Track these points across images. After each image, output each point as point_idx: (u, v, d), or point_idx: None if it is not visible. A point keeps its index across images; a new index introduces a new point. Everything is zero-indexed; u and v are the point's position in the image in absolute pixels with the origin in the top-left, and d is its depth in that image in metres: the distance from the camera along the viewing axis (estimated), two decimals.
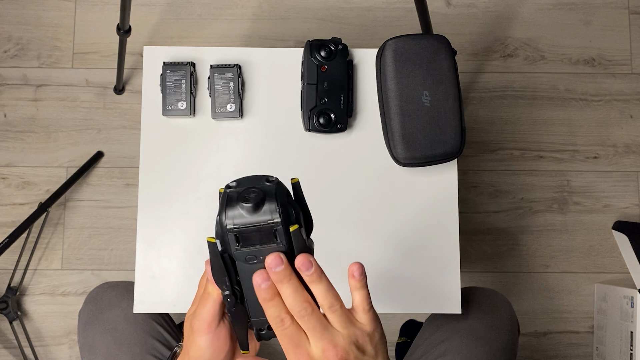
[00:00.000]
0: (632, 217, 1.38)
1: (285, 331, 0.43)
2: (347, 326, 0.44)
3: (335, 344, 0.43)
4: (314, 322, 0.43)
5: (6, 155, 1.35)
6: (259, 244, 0.42)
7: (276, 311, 0.43)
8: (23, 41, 1.38)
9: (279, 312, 0.43)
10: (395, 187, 0.80)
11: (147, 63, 0.81)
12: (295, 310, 0.43)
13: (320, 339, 0.43)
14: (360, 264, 0.46)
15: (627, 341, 1.24)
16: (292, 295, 0.43)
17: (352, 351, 0.43)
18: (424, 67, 0.76)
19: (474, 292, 0.88)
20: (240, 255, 0.43)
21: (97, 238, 1.33)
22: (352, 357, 0.43)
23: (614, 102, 1.40)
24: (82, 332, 0.84)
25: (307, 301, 0.43)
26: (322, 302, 0.44)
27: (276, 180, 0.43)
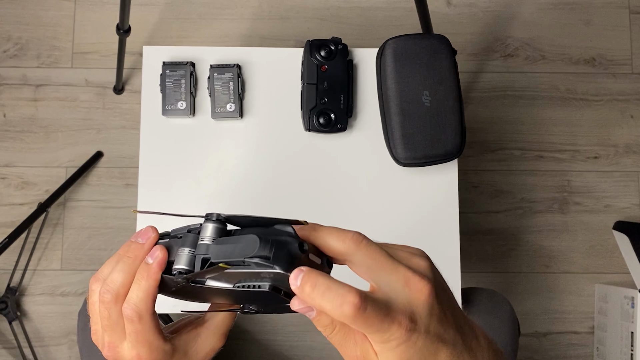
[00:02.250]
0: (633, 217, 1.37)
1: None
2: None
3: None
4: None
5: (5, 155, 1.35)
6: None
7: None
8: (22, 41, 1.38)
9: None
10: (395, 187, 0.80)
11: (147, 63, 0.81)
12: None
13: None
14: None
15: (627, 341, 1.24)
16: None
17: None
18: (424, 67, 0.76)
19: (474, 292, 0.88)
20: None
21: (96, 238, 1.33)
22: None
23: (615, 102, 1.40)
24: (81, 332, 0.84)
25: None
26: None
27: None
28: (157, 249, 0.39)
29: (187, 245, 0.38)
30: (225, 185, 0.79)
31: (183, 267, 0.38)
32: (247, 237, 0.35)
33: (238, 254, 0.35)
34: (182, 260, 0.38)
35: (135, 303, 0.39)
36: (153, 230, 0.40)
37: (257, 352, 1.31)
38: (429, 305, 0.34)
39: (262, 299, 0.38)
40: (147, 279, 0.39)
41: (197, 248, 0.37)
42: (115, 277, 0.39)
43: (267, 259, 0.34)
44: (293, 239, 0.35)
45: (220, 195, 0.79)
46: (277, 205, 0.79)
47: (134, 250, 0.40)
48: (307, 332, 1.31)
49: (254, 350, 1.31)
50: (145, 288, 0.38)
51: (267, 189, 0.79)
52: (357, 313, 0.31)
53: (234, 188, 0.79)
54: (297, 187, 0.79)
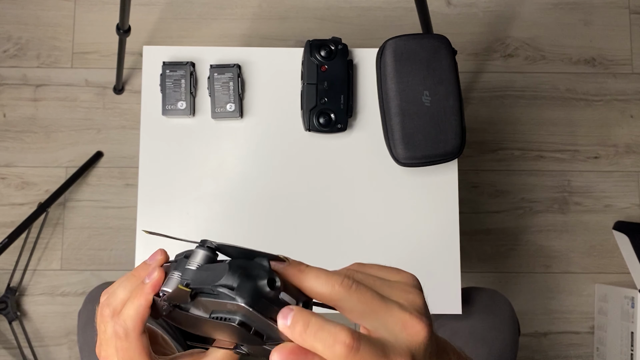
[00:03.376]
0: (633, 217, 1.37)
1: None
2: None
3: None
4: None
5: (5, 155, 1.35)
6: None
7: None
8: (22, 41, 1.38)
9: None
10: (395, 187, 0.80)
11: (147, 63, 0.81)
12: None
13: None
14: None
15: (627, 341, 1.24)
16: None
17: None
18: (424, 67, 0.76)
19: (474, 292, 0.88)
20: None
21: (96, 238, 1.33)
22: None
23: (615, 102, 1.40)
24: (81, 332, 0.84)
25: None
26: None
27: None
28: (155, 270, 0.39)
29: (178, 270, 0.38)
30: (225, 185, 0.79)
31: (167, 290, 0.37)
32: (221, 265, 0.34)
33: (209, 281, 0.34)
34: (169, 283, 0.37)
35: (124, 319, 0.39)
36: (161, 253, 0.41)
37: None
38: (426, 346, 0.33)
39: (240, 336, 0.35)
40: (139, 297, 0.39)
41: (183, 273, 0.37)
42: (118, 292, 0.40)
43: (231, 288, 0.32)
44: (264, 273, 0.33)
45: (220, 195, 0.79)
46: (277, 205, 0.79)
47: (140, 270, 0.40)
48: None
49: None
50: (136, 306, 0.38)
51: (267, 188, 0.79)
52: (349, 353, 0.30)
53: (234, 188, 0.79)
54: (297, 187, 0.79)
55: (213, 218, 0.78)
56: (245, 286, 0.32)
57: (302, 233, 0.78)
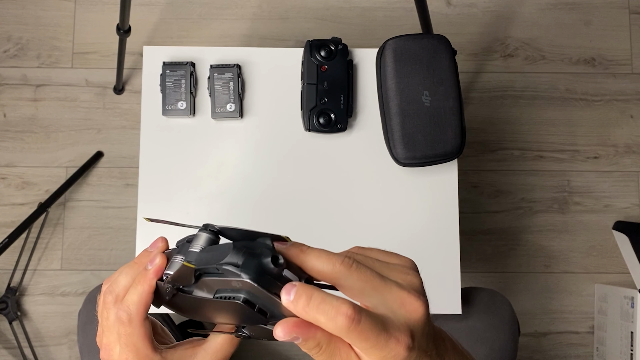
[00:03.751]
0: (633, 217, 1.37)
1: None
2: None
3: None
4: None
5: (6, 155, 1.35)
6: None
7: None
8: (23, 41, 1.38)
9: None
10: (395, 187, 0.80)
11: (147, 63, 0.81)
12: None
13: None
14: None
15: (627, 341, 1.24)
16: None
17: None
18: (424, 67, 0.76)
19: (474, 292, 0.88)
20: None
21: (96, 238, 1.33)
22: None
23: (615, 102, 1.40)
24: (81, 332, 0.84)
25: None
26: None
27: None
28: (157, 256, 0.40)
29: (181, 254, 0.38)
30: (225, 185, 0.79)
31: (169, 272, 0.38)
32: (225, 245, 0.35)
33: (213, 261, 0.34)
34: (172, 266, 0.38)
35: (127, 305, 0.39)
36: (162, 240, 0.41)
37: (257, 352, 1.31)
38: (423, 324, 0.34)
39: (243, 315, 0.36)
40: (142, 283, 0.39)
41: (186, 255, 0.37)
42: (120, 279, 0.41)
43: (237, 266, 0.33)
44: (268, 251, 0.34)
45: (221, 195, 0.79)
46: (277, 205, 0.79)
47: (141, 257, 0.41)
48: None
49: (254, 350, 1.31)
50: (139, 292, 0.39)
51: (267, 188, 0.79)
52: (351, 325, 0.31)
53: (234, 188, 0.79)
54: (297, 187, 0.79)
55: (213, 218, 0.78)
56: (249, 263, 0.33)
57: (302, 233, 0.78)
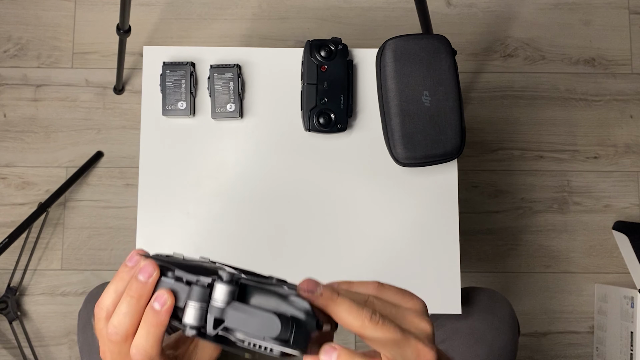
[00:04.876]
0: (632, 217, 1.37)
1: None
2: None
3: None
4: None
5: (6, 155, 1.35)
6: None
7: None
8: (23, 41, 1.38)
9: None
10: (395, 187, 0.80)
11: (147, 63, 0.81)
12: None
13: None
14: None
15: (627, 341, 1.24)
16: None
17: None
18: (424, 67, 0.76)
19: (474, 292, 0.88)
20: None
21: (96, 238, 1.33)
22: None
23: (614, 102, 1.40)
24: (81, 332, 0.84)
25: None
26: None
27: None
28: (164, 294, 0.38)
29: (196, 299, 0.37)
30: (225, 185, 0.79)
31: (195, 324, 0.37)
32: (266, 315, 0.35)
33: (257, 332, 0.35)
34: (192, 315, 0.37)
35: (145, 349, 0.39)
36: (154, 268, 0.39)
37: None
38: None
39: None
40: (156, 326, 0.38)
41: (209, 307, 0.37)
42: (122, 320, 0.39)
43: (287, 342, 0.35)
44: (311, 319, 0.36)
45: (220, 195, 0.79)
46: (277, 205, 0.79)
47: (137, 289, 0.39)
48: None
49: None
50: (154, 334, 0.39)
51: (267, 188, 0.79)
52: None
53: (234, 188, 0.79)
54: (297, 187, 0.79)
55: (213, 218, 0.79)
56: (300, 337, 0.35)
57: (302, 233, 0.78)
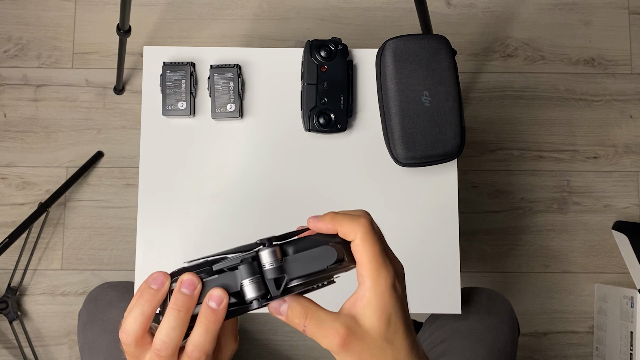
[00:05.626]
0: (632, 217, 1.38)
1: None
2: None
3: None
4: None
5: (6, 155, 1.35)
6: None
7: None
8: (23, 41, 1.38)
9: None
10: (395, 187, 0.80)
11: (147, 63, 0.81)
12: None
13: None
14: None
15: (627, 341, 1.24)
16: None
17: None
18: (424, 67, 0.76)
19: (474, 292, 0.88)
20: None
21: (97, 238, 1.33)
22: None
23: (614, 102, 1.40)
24: (82, 332, 0.84)
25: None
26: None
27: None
28: (217, 291, 0.40)
29: (246, 276, 0.40)
30: (225, 185, 0.79)
31: (258, 295, 0.40)
32: (318, 249, 0.41)
33: (319, 266, 0.40)
34: (253, 290, 0.40)
35: (203, 346, 0.40)
36: (197, 280, 0.41)
37: (257, 352, 1.32)
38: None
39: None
40: (215, 322, 0.40)
41: (264, 273, 0.41)
42: (172, 334, 0.40)
43: (342, 260, 0.41)
44: (342, 241, 0.43)
45: (220, 195, 0.79)
46: (277, 204, 0.79)
47: (184, 302, 0.40)
48: None
49: (254, 350, 1.31)
50: (212, 331, 0.40)
51: (267, 188, 0.79)
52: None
53: (234, 188, 0.79)
54: (296, 187, 0.80)
55: (213, 218, 0.79)
56: (347, 254, 0.42)
57: None
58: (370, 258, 0.42)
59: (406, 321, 0.43)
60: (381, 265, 0.42)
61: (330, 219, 0.43)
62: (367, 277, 0.42)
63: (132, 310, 0.41)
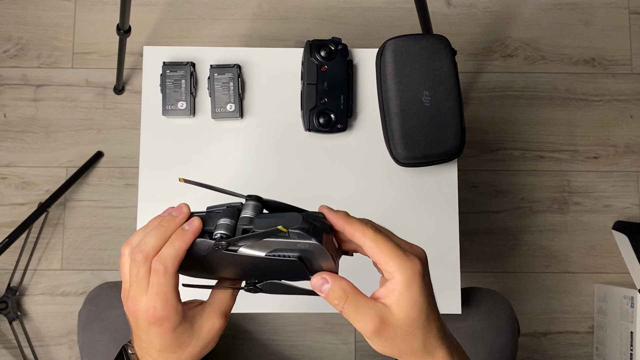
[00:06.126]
0: (632, 217, 1.38)
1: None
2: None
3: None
4: None
5: (6, 155, 1.35)
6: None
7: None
8: (23, 41, 1.38)
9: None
10: (395, 187, 0.80)
11: (147, 63, 0.81)
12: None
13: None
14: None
15: (627, 341, 1.24)
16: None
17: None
18: (424, 67, 0.76)
19: (474, 292, 0.88)
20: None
21: (97, 238, 1.33)
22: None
23: (614, 102, 1.40)
24: (81, 332, 0.84)
25: None
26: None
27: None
28: (195, 219, 0.46)
29: (227, 217, 0.45)
30: (226, 185, 0.79)
31: (224, 232, 0.44)
32: (290, 214, 0.43)
33: (283, 225, 0.42)
34: (223, 227, 0.44)
35: (165, 258, 0.45)
36: (186, 207, 0.48)
37: (257, 352, 1.31)
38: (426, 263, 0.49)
39: (282, 271, 0.45)
40: (180, 240, 0.45)
41: (239, 220, 0.45)
42: (148, 240, 0.45)
43: (307, 230, 0.42)
44: (325, 222, 0.45)
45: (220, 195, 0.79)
46: None
47: (167, 221, 0.46)
48: (307, 332, 1.31)
49: (254, 350, 1.31)
50: (177, 247, 0.45)
51: (267, 188, 0.79)
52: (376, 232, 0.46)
53: (234, 188, 0.79)
54: (296, 187, 0.79)
55: None
56: (317, 230, 0.43)
57: None
58: (390, 255, 0.44)
59: (434, 305, 0.46)
60: (403, 258, 0.44)
61: (343, 215, 0.46)
62: (395, 271, 0.44)
63: (149, 231, 0.46)
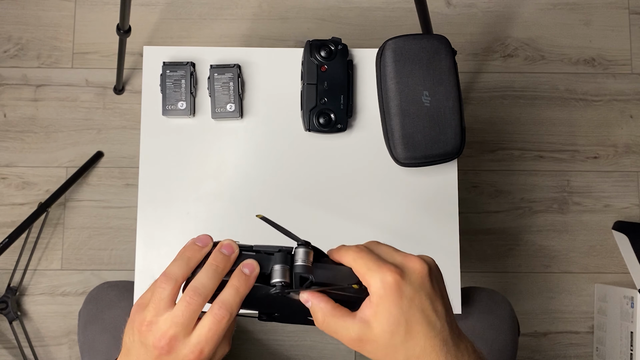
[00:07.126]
0: (632, 217, 1.38)
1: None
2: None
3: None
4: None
5: (6, 155, 1.35)
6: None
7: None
8: (23, 41, 1.38)
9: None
10: (395, 187, 0.80)
11: (147, 63, 0.81)
12: None
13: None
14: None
15: (627, 341, 1.24)
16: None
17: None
18: (424, 67, 0.76)
19: (473, 292, 0.88)
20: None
21: (97, 238, 1.33)
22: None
23: (614, 102, 1.40)
24: (82, 332, 0.84)
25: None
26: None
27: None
28: (254, 265, 0.46)
29: (282, 263, 0.46)
30: (225, 185, 0.79)
31: (284, 281, 0.45)
32: (344, 268, 0.47)
33: (340, 281, 0.46)
34: (280, 275, 0.46)
35: (230, 305, 0.44)
36: (236, 247, 0.47)
37: (257, 352, 1.31)
38: (422, 276, 0.48)
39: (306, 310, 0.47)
40: (245, 287, 0.45)
41: (294, 267, 0.46)
42: (206, 283, 0.45)
43: (359, 283, 0.46)
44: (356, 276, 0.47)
45: (220, 195, 0.79)
46: (277, 205, 0.79)
47: (221, 260, 0.46)
48: (307, 332, 1.31)
49: (254, 350, 1.31)
50: (242, 294, 0.45)
51: (267, 189, 0.79)
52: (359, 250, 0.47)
53: (234, 188, 0.79)
54: (297, 187, 0.79)
55: (213, 218, 0.79)
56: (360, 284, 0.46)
57: (302, 233, 0.78)
58: (368, 266, 0.45)
59: (425, 319, 0.44)
60: (378, 270, 0.44)
61: (336, 249, 0.48)
62: (371, 284, 0.44)
63: (175, 260, 0.46)
